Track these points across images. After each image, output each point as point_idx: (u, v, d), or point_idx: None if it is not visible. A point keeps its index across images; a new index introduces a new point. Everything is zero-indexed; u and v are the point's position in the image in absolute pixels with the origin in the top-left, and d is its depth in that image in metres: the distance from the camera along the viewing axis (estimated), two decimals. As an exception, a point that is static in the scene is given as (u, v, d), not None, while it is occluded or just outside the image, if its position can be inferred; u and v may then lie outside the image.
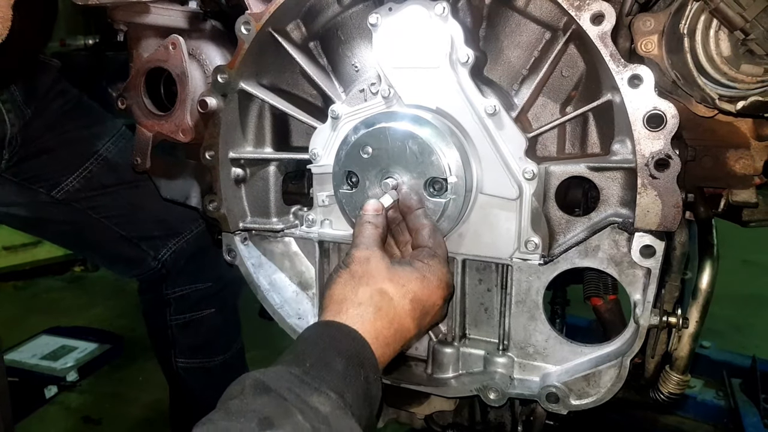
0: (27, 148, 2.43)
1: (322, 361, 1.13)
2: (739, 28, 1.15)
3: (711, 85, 1.25)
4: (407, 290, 1.29)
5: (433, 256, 1.36)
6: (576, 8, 1.28)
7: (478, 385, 1.53)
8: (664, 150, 1.26)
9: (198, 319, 2.83)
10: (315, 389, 1.07)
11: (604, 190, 1.41)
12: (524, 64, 1.51)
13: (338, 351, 1.16)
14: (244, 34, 1.57)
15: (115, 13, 1.80)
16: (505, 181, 1.42)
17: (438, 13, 1.38)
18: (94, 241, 2.74)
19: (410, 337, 1.31)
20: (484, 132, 1.42)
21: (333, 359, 1.14)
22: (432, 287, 1.32)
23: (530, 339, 1.52)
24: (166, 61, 1.80)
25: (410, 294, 1.29)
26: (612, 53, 1.27)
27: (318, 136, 1.59)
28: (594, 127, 1.47)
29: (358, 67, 1.64)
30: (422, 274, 1.32)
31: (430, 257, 1.35)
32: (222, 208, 1.73)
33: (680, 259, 1.44)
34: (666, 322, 1.38)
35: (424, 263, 1.34)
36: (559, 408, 1.47)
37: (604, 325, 1.59)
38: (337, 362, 1.13)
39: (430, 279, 1.32)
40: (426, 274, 1.32)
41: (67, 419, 4.02)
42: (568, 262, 1.45)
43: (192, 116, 1.81)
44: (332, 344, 1.18)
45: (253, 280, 1.78)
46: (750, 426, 3.38)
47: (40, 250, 6.15)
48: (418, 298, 1.30)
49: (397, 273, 1.30)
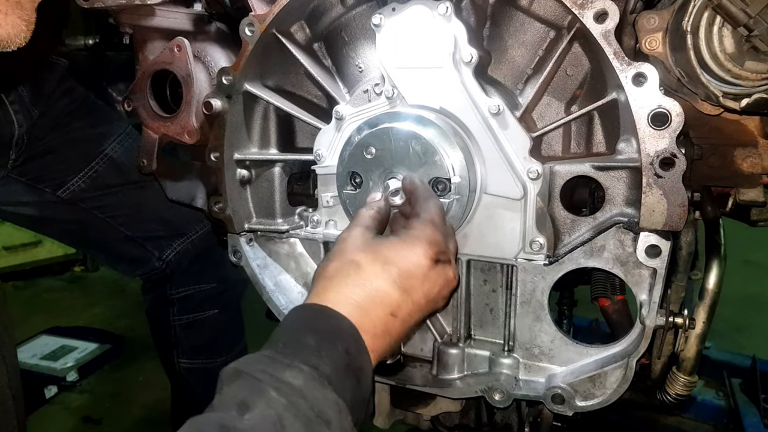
0: (33, 148, 2.44)
1: (295, 341, 1.12)
2: (742, 24, 1.14)
3: (715, 82, 1.24)
4: (378, 254, 1.24)
5: (417, 218, 1.31)
6: (579, 6, 1.28)
7: (483, 386, 1.52)
8: (669, 149, 1.26)
9: (201, 320, 2.84)
10: (287, 365, 1.05)
11: (609, 189, 1.41)
12: (528, 63, 1.51)
13: (311, 329, 1.14)
14: (248, 35, 1.57)
15: (120, 16, 1.80)
16: (510, 181, 1.42)
17: (441, 13, 1.38)
18: (99, 241, 2.75)
19: (396, 303, 1.21)
20: (488, 132, 1.42)
21: (306, 337, 1.12)
22: (411, 247, 1.25)
23: (535, 340, 1.52)
24: (172, 64, 1.81)
25: (381, 257, 1.23)
26: (616, 51, 1.26)
27: (322, 137, 1.59)
28: (599, 126, 1.46)
29: (362, 67, 1.64)
30: (401, 238, 1.27)
31: (414, 221, 1.31)
32: (227, 209, 1.73)
33: (686, 259, 1.44)
34: (672, 322, 1.37)
35: (406, 229, 1.29)
36: (564, 409, 1.46)
37: (611, 325, 1.59)
38: (310, 339, 1.11)
39: (409, 241, 1.26)
40: (405, 237, 1.26)
41: (67, 419, 4.03)
42: (573, 263, 1.44)
43: (197, 118, 1.82)
44: (305, 324, 1.16)
45: (259, 281, 1.78)
46: (750, 426, 3.39)
47: (40, 250, 6.16)
48: (391, 260, 1.23)
49: (373, 243, 1.26)
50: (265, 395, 1.00)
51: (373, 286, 1.20)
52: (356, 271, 1.21)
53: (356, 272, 1.21)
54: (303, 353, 1.08)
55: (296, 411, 1.00)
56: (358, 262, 1.22)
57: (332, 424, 1.02)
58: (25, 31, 1.15)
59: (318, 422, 1.01)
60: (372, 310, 1.19)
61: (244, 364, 1.07)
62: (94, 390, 4.34)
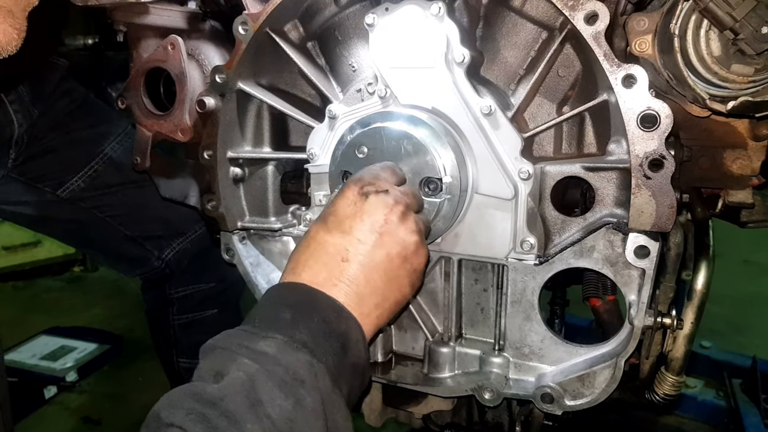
0: (33, 148, 2.44)
1: (271, 316, 1.14)
2: (728, 27, 1.15)
3: (702, 84, 1.25)
4: (320, 216, 1.29)
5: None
6: (570, 8, 1.29)
7: (474, 384, 1.53)
8: (658, 150, 1.26)
9: (200, 320, 2.84)
10: (262, 337, 1.08)
11: (599, 190, 1.41)
12: (521, 63, 1.51)
13: (285, 304, 1.16)
14: (241, 34, 1.57)
15: (114, 14, 1.82)
16: (501, 181, 1.42)
17: (434, 13, 1.38)
18: (99, 240, 2.76)
19: (341, 246, 1.22)
20: (480, 132, 1.42)
21: (281, 311, 1.14)
22: (339, 193, 1.28)
23: (526, 339, 1.52)
24: (165, 62, 1.81)
25: (321, 216, 1.28)
26: (606, 53, 1.27)
27: (315, 136, 1.60)
28: (590, 127, 1.47)
29: (355, 67, 1.64)
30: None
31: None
32: (220, 207, 1.74)
33: (675, 260, 1.44)
34: (660, 323, 1.38)
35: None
36: (553, 408, 1.47)
37: (602, 325, 1.60)
38: (285, 312, 1.13)
39: (338, 191, 1.30)
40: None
41: (67, 420, 4.03)
42: (563, 263, 1.45)
43: (191, 116, 1.82)
44: (280, 300, 1.18)
45: (251, 279, 1.78)
46: (750, 426, 3.39)
47: (40, 250, 6.17)
48: (325, 212, 1.28)
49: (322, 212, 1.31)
50: (236, 361, 1.03)
51: (315, 240, 1.24)
52: (307, 239, 1.26)
53: (307, 239, 1.26)
54: (278, 325, 1.11)
55: (269, 374, 1.02)
56: (309, 232, 1.27)
57: (306, 383, 1.04)
58: (16, 39, 1.16)
59: (293, 383, 1.03)
60: (319, 262, 1.21)
61: (220, 339, 1.11)
62: (93, 390, 4.35)
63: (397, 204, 1.26)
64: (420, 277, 1.33)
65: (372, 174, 1.32)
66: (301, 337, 1.09)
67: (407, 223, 1.26)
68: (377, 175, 1.32)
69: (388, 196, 1.26)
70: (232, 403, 0.98)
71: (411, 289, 1.31)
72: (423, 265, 1.32)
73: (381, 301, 1.24)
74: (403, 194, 1.29)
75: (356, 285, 1.21)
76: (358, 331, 1.18)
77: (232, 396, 0.99)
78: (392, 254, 1.24)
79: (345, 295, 1.19)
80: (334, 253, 1.22)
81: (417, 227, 1.28)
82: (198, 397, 0.99)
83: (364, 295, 1.21)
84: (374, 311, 1.23)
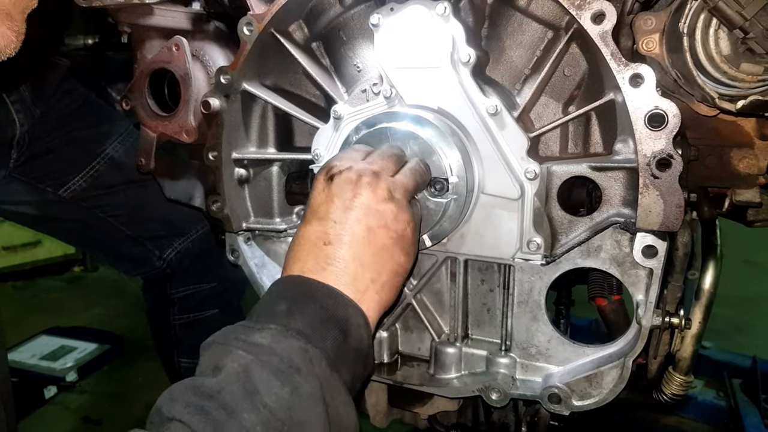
0: (35, 148, 2.44)
1: (268, 310, 1.15)
2: (738, 26, 1.15)
3: (711, 84, 1.24)
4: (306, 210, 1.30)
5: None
6: (577, 7, 1.29)
7: (480, 385, 1.52)
8: (665, 149, 1.26)
9: (201, 320, 2.84)
10: (258, 330, 1.09)
11: (606, 190, 1.41)
12: (526, 63, 1.51)
13: (282, 297, 1.17)
14: (246, 35, 1.57)
15: (118, 15, 1.81)
16: (507, 181, 1.42)
17: (439, 13, 1.38)
18: (100, 240, 2.76)
19: (321, 231, 1.23)
20: (486, 132, 1.42)
21: (277, 304, 1.15)
22: (311, 189, 1.30)
23: (532, 339, 1.52)
24: (170, 63, 1.81)
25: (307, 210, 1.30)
26: (613, 52, 1.27)
27: (320, 137, 1.59)
28: (597, 126, 1.46)
29: (360, 67, 1.64)
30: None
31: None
32: (225, 208, 1.73)
33: (683, 259, 1.44)
34: (668, 322, 1.37)
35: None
36: (561, 409, 1.46)
37: (608, 325, 1.59)
38: (282, 305, 1.14)
39: (312, 184, 1.32)
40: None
41: (67, 420, 4.03)
42: (570, 263, 1.44)
43: (195, 117, 1.82)
44: (277, 295, 1.19)
45: (257, 280, 1.78)
46: (750, 426, 3.39)
47: (40, 250, 6.17)
48: (304, 212, 1.30)
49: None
50: (231, 354, 1.05)
51: (298, 235, 1.26)
52: (294, 238, 1.28)
53: (294, 238, 1.28)
54: (274, 318, 1.12)
55: (264, 364, 1.03)
56: (296, 232, 1.29)
57: (302, 370, 1.04)
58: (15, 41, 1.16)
59: (289, 371, 1.03)
60: (304, 251, 1.23)
61: (218, 335, 1.13)
62: (93, 390, 4.35)
63: (362, 176, 1.24)
64: (412, 242, 1.30)
65: (336, 158, 1.33)
66: (296, 325, 1.10)
67: (378, 192, 1.24)
68: (339, 157, 1.33)
69: (351, 172, 1.25)
70: (228, 394, 0.99)
71: (406, 257, 1.28)
72: (408, 229, 1.28)
73: (375, 275, 1.22)
74: (368, 164, 1.28)
75: (344, 264, 1.20)
76: (359, 315, 1.18)
77: (228, 387, 1.00)
78: (372, 226, 1.22)
79: (336, 276, 1.19)
80: (316, 240, 1.22)
81: (389, 194, 1.25)
82: (196, 390, 1.00)
83: (356, 273, 1.20)
84: (371, 286, 1.22)
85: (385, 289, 1.25)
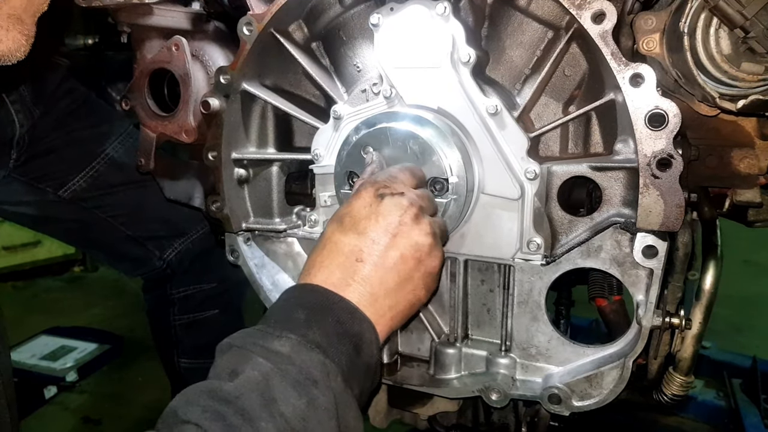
0: (34, 148, 2.44)
1: (285, 316, 1.15)
2: (738, 26, 1.15)
3: (711, 83, 1.24)
4: (335, 216, 1.29)
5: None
6: (577, 7, 1.28)
7: (480, 385, 1.52)
8: (666, 149, 1.26)
9: (202, 320, 2.84)
10: (276, 336, 1.09)
11: (606, 190, 1.41)
12: (527, 63, 1.51)
13: (300, 305, 1.17)
14: (246, 34, 1.57)
15: (118, 15, 1.81)
16: (507, 181, 1.42)
17: (439, 13, 1.38)
18: (100, 240, 2.75)
19: (356, 247, 1.22)
20: (486, 132, 1.42)
21: (296, 312, 1.15)
22: (355, 195, 1.29)
23: (532, 340, 1.52)
24: (170, 63, 1.81)
25: (336, 217, 1.28)
26: (613, 52, 1.26)
27: (320, 137, 1.59)
28: (597, 126, 1.46)
29: (360, 67, 1.64)
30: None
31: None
32: (225, 208, 1.73)
33: (683, 259, 1.44)
34: (669, 323, 1.37)
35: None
36: (561, 409, 1.46)
37: (608, 326, 1.59)
38: (300, 313, 1.14)
39: (353, 192, 1.31)
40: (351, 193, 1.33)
41: (67, 420, 4.03)
42: (570, 263, 1.44)
43: (195, 117, 1.82)
44: (295, 302, 1.19)
45: (256, 280, 1.78)
46: (751, 426, 3.38)
47: (40, 250, 6.16)
48: (340, 213, 1.28)
49: (336, 212, 1.32)
50: (251, 360, 1.05)
51: (331, 241, 1.25)
52: (322, 240, 1.27)
53: (322, 240, 1.26)
54: (292, 325, 1.12)
55: (283, 374, 1.03)
56: (325, 233, 1.27)
57: (319, 383, 1.05)
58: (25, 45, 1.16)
59: (306, 383, 1.04)
60: (334, 262, 1.22)
61: (236, 338, 1.12)
62: (93, 390, 4.34)
63: (412, 206, 1.25)
64: (435, 280, 1.32)
65: (388, 175, 1.32)
66: (315, 337, 1.10)
67: (421, 225, 1.26)
68: (394, 177, 1.32)
69: (403, 198, 1.26)
70: (247, 401, 0.99)
71: (426, 292, 1.30)
72: (438, 268, 1.31)
73: (394, 303, 1.24)
74: (418, 197, 1.29)
75: (370, 285, 1.21)
76: (372, 332, 1.19)
77: (247, 394, 1.00)
78: (406, 255, 1.23)
79: (359, 295, 1.20)
80: (349, 253, 1.22)
81: (431, 230, 1.27)
82: (214, 394, 1.01)
83: (378, 295, 1.21)
84: (388, 312, 1.23)
85: (398, 317, 1.26)
